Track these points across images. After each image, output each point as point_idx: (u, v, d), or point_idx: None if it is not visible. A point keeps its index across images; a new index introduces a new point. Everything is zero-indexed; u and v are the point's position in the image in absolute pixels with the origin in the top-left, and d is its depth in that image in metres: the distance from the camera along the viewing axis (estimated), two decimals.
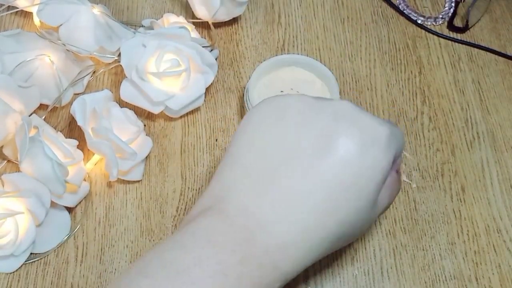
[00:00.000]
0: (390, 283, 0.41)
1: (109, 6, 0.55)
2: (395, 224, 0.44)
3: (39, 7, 0.47)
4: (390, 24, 0.56)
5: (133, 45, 0.46)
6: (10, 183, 0.40)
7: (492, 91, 0.52)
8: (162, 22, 0.51)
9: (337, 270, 0.41)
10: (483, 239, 0.43)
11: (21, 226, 0.40)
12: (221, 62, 0.52)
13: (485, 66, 0.53)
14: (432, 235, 0.43)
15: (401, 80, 0.52)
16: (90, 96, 0.43)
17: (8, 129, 0.42)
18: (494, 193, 0.46)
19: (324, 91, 0.47)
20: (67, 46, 0.47)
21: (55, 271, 0.41)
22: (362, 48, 0.54)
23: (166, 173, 0.45)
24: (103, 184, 0.45)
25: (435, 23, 0.56)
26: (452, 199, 0.45)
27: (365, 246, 0.43)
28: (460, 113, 0.50)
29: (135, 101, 0.46)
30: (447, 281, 0.41)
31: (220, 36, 0.54)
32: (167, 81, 0.46)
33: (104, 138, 0.42)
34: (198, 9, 0.52)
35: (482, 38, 0.55)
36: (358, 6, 0.57)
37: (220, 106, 0.49)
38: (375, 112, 0.50)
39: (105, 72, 0.51)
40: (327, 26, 0.55)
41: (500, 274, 0.42)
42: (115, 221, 0.43)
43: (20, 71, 0.45)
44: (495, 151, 0.48)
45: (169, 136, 0.48)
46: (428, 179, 0.46)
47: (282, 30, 0.55)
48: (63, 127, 0.47)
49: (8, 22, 0.53)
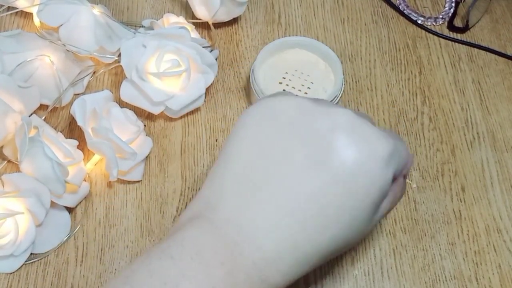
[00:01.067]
0: (390, 283, 0.41)
1: (109, 6, 0.55)
2: (395, 224, 0.44)
3: (39, 8, 0.47)
4: (390, 24, 0.56)
5: (133, 45, 0.46)
6: (10, 183, 0.40)
7: (492, 91, 0.52)
8: (162, 22, 0.51)
9: (337, 270, 0.41)
10: (483, 239, 0.43)
11: (21, 226, 0.40)
12: (221, 62, 0.52)
13: (485, 66, 0.53)
14: (432, 235, 0.43)
15: (401, 80, 0.52)
16: (90, 96, 0.43)
17: (8, 129, 0.42)
18: (494, 193, 0.46)
19: (328, 71, 0.48)
20: (67, 46, 0.47)
21: (55, 271, 0.41)
22: (362, 48, 0.54)
23: (166, 173, 0.45)
24: (103, 184, 0.45)
25: (435, 23, 0.56)
26: (452, 199, 0.45)
27: (365, 246, 0.43)
28: (460, 113, 0.50)
29: (135, 101, 0.46)
30: (447, 281, 0.41)
31: (220, 36, 0.54)
32: (167, 81, 0.46)
33: (104, 138, 0.42)
34: (198, 9, 0.52)
35: (482, 38, 0.55)
36: (358, 6, 0.57)
37: (220, 106, 0.49)
38: (375, 112, 0.50)
39: (105, 72, 0.51)
40: (327, 26, 0.55)
41: (500, 274, 0.42)
42: (115, 221, 0.43)
43: (20, 71, 0.45)
44: (495, 151, 0.48)
45: (169, 136, 0.48)
46: (428, 179, 0.46)
47: (282, 30, 0.55)
48: (63, 127, 0.47)
49: (8, 23, 0.53)
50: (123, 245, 0.42)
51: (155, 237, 0.42)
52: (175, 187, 0.45)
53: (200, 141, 0.47)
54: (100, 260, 0.41)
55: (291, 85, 0.48)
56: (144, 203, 0.44)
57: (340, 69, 0.47)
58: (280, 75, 0.48)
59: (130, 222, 0.43)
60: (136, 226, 0.43)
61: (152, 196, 0.44)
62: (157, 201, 0.44)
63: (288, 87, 0.48)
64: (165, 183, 0.45)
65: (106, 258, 0.41)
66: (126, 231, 0.43)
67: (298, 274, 0.28)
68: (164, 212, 0.44)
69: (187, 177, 0.45)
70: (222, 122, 0.49)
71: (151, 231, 0.43)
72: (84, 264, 0.41)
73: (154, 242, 0.42)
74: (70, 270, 0.41)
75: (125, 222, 0.43)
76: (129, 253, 0.42)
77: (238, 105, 0.50)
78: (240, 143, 0.29)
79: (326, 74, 0.48)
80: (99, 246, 0.42)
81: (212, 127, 0.48)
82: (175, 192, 0.45)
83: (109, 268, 0.41)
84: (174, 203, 0.44)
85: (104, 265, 0.41)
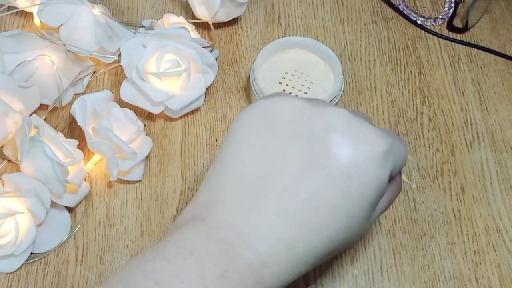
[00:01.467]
0: (390, 283, 0.41)
1: (109, 6, 0.55)
2: (395, 224, 0.44)
3: (39, 7, 0.47)
4: (390, 24, 0.56)
5: (133, 45, 0.46)
6: (10, 183, 0.40)
7: (491, 92, 0.52)
8: (162, 23, 0.51)
9: (337, 270, 0.42)
10: (483, 239, 0.43)
11: (21, 226, 0.40)
12: (221, 62, 0.52)
13: (484, 66, 0.53)
14: (432, 235, 0.43)
15: (400, 80, 0.52)
16: (90, 96, 0.43)
17: (8, 129, 0.42)
18: (493, 193, 0.46)
19: (328, 72, 0.49)
20: (67, 46, 0.47)
21: (55, 271, 0.41)
22: (362, 49, 0.54)
23: (166, 173, 0.46)
24: (103, 184, 0.45)
25: (434, 24, 0.56)
26: (451, 199, 0.45)
27: (365, 246, 0.43)
28: (459, 113, 0.50)
29: (135, 101, 0.46)
30: (446, 281, 0.41)
31: (220, 36, 0.54)
32: (167, 81, 0.46)
33: (104, 138, 0.42)
34: (198, 9, 0.52)
35: (481, 39, 0.55)
36: (358, 6, 0.57)
37: (220, 106, 0.49)
38: (375, 112, 0.50)
39: (105, 72, 0.51)
40: (327, 26, 0.55)
41: (499, 274, 0.42)
42: (115, 221, 0.43)
43: (20, 71, 0.45)
44: (495, 151, 0.48)
45: (169, 136, 0.48)
46: (428, 179, 0.46)
47: (282, 31, 0.55)
48: (63, 127, 0.47)
49: (9, 22, 0.54)
50: (123, 244, 0.42)
51: (155, 237, 0.43)
52: (175, 187, 0.45)
53: (200, 141, 0.47)
54: (100, 260, 0.41)
55: (291, 85, 0.48)
56: (144, 203, 0.44)
57: (340, 69, 0.47)
58: (280, 75, 0.48)
59: (130, 222, 0.43)
60: (136, 225, 0.43)
61: (152, 196, 0.44)
62: (157, 201, 0.44)
63: (288, 87, 0.48)
64: (165, 183, 0.45)
65: (106, 257, 0.41)
66: (126, 230, 0.43)
67: (294, 275, 0.27)
68: (164, 212, 0.44)
69: (187, 177, 0.45)
70: (222, 122, 0.49)
71: (151, 231, 0.43)
72: (84, 263, 0.41)
73: (154, 241, 0.42)
74: (70, 270, 0.41)
75: (125, 222, 0.43)
76: (129, 252, 0.42)
77: (238, 105, 0.50)
78: (236, 144, 0.29)
79: (326, 74, 0.49)
80: (99, 246, 0.42)
81: (212, 127, 0.48)
82: (175, 192, 0.45)
83: (109, 268, 0.41)
84: (174, 203, 0.44)
85: (104, 265, 0.41)
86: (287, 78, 0.48)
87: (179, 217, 0.29)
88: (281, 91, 0.47)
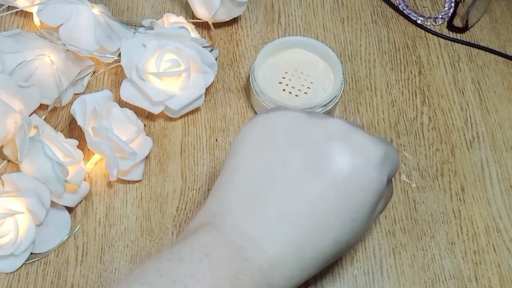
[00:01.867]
0: (390, 283, 0.41)
1: (109, 6, 0.55)
2: (394, 224, 0.44)
3: (39, 7, 0.47)
4: (390, 24, 0.56)
5: (133, 45, 0.46)
6: (10, 183, 0.40)
7: (491, 91, 0.52)
8: (162, 22, 0.51)
9: (337, 270, 0.42)
10: (483, 239, 0.43)
11: (21, 226, 0.40)
12: (221, 62, 0.52)
13: (484, 66, 0.53)
14: (432, 235, 0.43)
15: (400, 80, 0.52)
16: (90, 96, 0.43)
17: (8, 129, 0.42)
18: (493, 193, 0.46)
19: (328, 71, 0.48)
20: (67, 46, 0.47)
21: (55, 271, 0.41)
22: (362, 48, 0.54)
23: (166, 173, 0.46)
24: (103, 184, 0.45)
25: (434, 23, 0.56)
26: (451, 199, 0.45)
27: (365, 246, 0.43)
28: (459, 113, 0.50)
29: (135, 101, 0.46)
30: (446, 280, 0.41)
31: (220, 36, 0.54)
32: (167, 81, 0.46)
33: (104, 138, 0.42)
34: (198, 9, 0.52)
35: (481, 38, 0.55)
36: (358, 6, 0.57)
37: (220, 106, 0.49)
38: (375, 112, 0.50)
39: (105, 72, 0.51)
40: (327, 26, 0.55)
41: (499, 274, 0.42)
42: (115, 221, 0.43)
43: (20, 71, 0.45)
44: (495, 151, 0.48)
45: (169, 136, 0.48)
46: (428, 179, 0.46)
47: (282, 30, 0.55)
48: (63, 127, 0.47)
49: (8, 22, 0.53)
50: (123, 244, 0.42)
51: (155, 237, 0.43)
52: (175, 187, 0.45)
53: (200, 141, 0.47)
54: (100, 260, 0.41)
55: (291, 85, 0.48)
56: (144, 203, 0.44)
57: (340, 69, 0.47)
58: (280, 75, 0.48)
59: (130, 222, 0.43)
60: (136, 225, 0.43)
61: (152, 195, 0.44)
62: (157, 200, 0.44)
63: (288, 87, 0.48)
64: (165, 183, 0.45)
65: (106, 257, 0.41)
66: (126, 230, 0.43)
67: (302, 277, 0.29)
68: (164, 211, 0.44)
69: (187, 177, 0.45)
70: (222, 122, 0.49)
71: (151, 231, 0.43)
72: (84, 263, 0.41)
73: (154, 241, 0.42)
74: (70, 270, 0.41)
75: (125, 221, 0.43)
76: (129, 252, 0.42)
77: (238, 105, 0.50)
78: (240, 156, 0.31)
79: (326, 74, 0.48)
80: (99, 246, 0.42)
81: (212, 127, 0.48)
82: (175, 191, 0.45)
83: (109, 268, 0.41)
84: (174, 202, 0.44)
85: (104, 265, 0.41)
86: (287, 77, 0.48)
87: (191, 223, 0.31)
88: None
